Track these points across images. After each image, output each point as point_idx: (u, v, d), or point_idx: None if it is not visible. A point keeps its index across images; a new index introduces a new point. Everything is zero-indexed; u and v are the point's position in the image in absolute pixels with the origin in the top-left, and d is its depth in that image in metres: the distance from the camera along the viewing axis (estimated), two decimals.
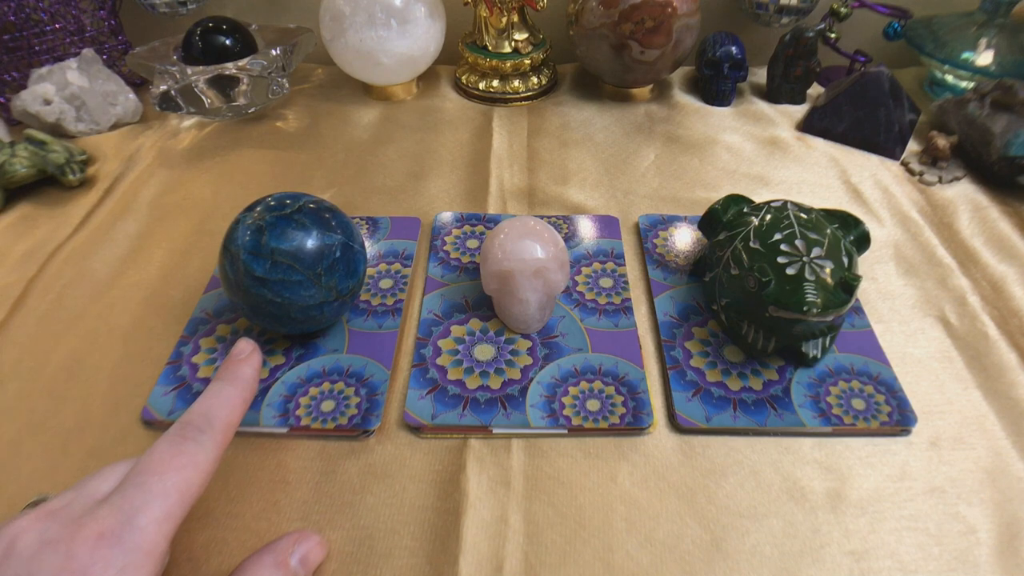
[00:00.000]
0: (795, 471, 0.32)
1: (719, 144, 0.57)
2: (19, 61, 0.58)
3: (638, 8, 0.55)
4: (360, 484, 0.31)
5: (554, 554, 0.29)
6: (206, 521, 0.30)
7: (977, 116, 0.52)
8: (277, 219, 0.33)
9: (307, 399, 0.34)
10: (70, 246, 0.46)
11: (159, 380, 0.35)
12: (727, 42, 0.60)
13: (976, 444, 0.33)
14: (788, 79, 0.61)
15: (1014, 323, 0.40)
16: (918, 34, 0.61)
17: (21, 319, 0.40)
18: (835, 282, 0.34)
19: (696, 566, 0.28)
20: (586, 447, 0.33)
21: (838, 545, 0.29)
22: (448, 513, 0.30)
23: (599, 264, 0.43)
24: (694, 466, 0.32)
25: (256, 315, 0.34)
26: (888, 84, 0.54)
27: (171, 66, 0.54)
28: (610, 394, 0.35)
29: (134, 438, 0.33)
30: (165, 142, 0.57)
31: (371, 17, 0.57)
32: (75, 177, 0.50)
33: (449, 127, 0.59)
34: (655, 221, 0.47)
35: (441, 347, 0.37)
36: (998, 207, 0.49)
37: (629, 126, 0.59)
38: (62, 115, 0.55)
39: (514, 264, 0.36)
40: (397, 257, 0.44)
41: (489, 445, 0.33)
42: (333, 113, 0.61)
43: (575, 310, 0.40)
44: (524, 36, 0.62)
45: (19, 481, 0.32)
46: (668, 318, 0.39)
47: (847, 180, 0.52)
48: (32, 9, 0.57)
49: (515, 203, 0.50)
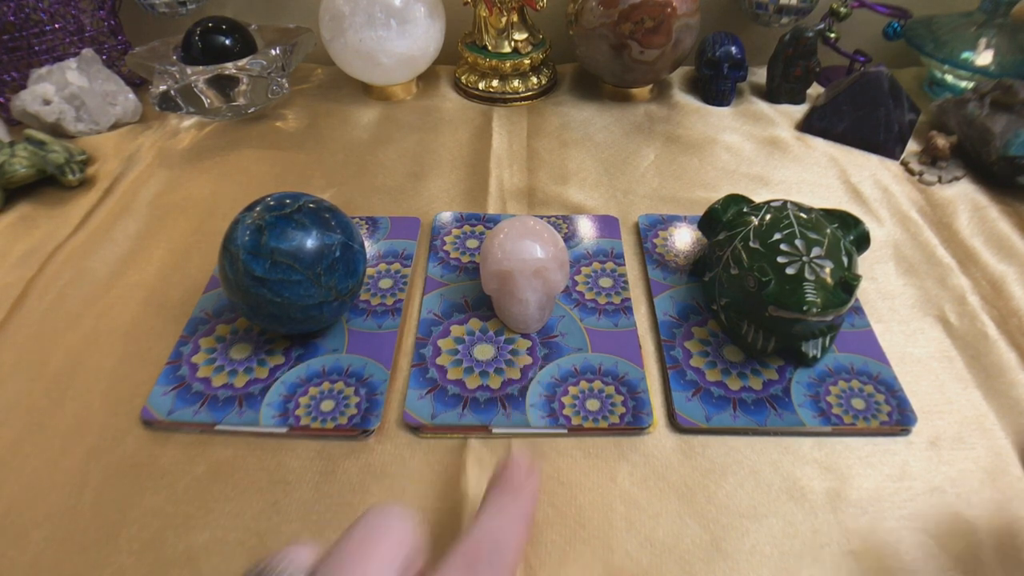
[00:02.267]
0: (795, 471, 0.32)
1: (719, 144, 0.57)
2: (19, 61, 0.58)
3: (638, 8, 0.55)
4: (360, 484, 0.31)
5: (554, 554, 0.29)
6: (206, 521, 0.30)
7: (977, 116, 0.52)
8: (277, 219, 0.33)
9: (307, 399, 0.34)
10: (70, 246, 0.46)
11: (159, 380, 0.35)
12: (727, 42, 0.60)
13: (976, 444, 0.33)
14: (788, 79, 0.61)
15: (1013, 323, 0.40)
16: (918, 34, 0.61)
17: (21, 319, 0.40)
18: (835, 282, 0.34)
19: (696, 566, 0.28)
20: (586, 447, 0.33)
21: (838, 545, 0.29)
22: (448, 513, 0.30)
23: (599, 264, 0.43)
24: (694, 466, 0.32)
25: (256, 315, 0.34)
26: (888, 84, 0.55)
27: (171, 66, 0.54)
28: (610, 394, 0.35)
29: (133, 438, 0.33)
30: (165, 142, 0.57)
31: (371, 17, 0.57)
32: (75, 177, 0.50)
33: (449, 127, 0.59)
34: (655, 221, 0.47)
35: (441, 347, 0.37)
36: (997, 207, 0.49)
37: (629, 126, 0.59)
38: (62, 115, 0.55)
39: (514, 264, 0.36)
40: (397, 257, 0.44)
41: (489, 445, 0.33)
42: (333, 113, 0.61)
43: (575, 310, 0.40)
44: (524, 36, 0.62)
45: (19, 481, 0.32)
46: (668, 318, 0.39)
47: (847, 180, 0.52)
48: (32, 9, 0.57)
49: (515, 203, 0.50)
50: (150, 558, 0.29)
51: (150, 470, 0.32)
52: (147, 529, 0.30)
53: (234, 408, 0.34)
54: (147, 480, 0.31)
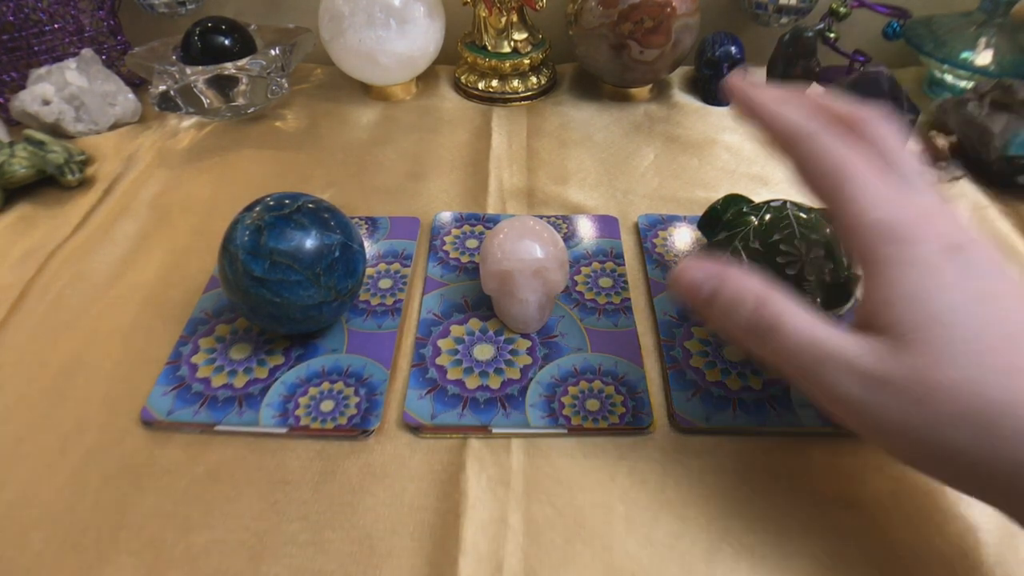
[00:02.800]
0: (795, 471, 0.32)
1: (718, 144, 0.57)
2: (18, 61, 0.58)
3: (637, 8, 0.55)
4: (360, 484, 0.31)
5: (554, 554, 0.29)
6: (206, 521, 0.30)
7: (976, 116, 0.52)
8: (276, 219, 0.33)
9: (306, 399, 0.34)
10: (69, 246, 0.46)
11: (158, 380, 0.35)
12: (726, 42, 0.60)
13: None
14: (787, 79, 0.61)
15: None
16: (917, 34, 0.61)
17: (20, 319, 0.40)
18: (835, 282, 0.34)
19: (696, 566, 0.28)
20: (586, 447, 0.33)
21: (837, 545, 0.29)
22: (447, 513, 0.30)
23: (598, 264, 0.43)
24: (694, 466, 0.32)
25: (255, 315, 0.34)
26: (887, 84, 0.54)
27: (170, 66, 0.54)
28: (610, 394, 0.35)
29: (133, 438, 0.33)
30: (164, 142, 0.57)
31: (370, 17, 0.57)
32: (74, 177, 0.50)
33: (448, 127, 0.59)
34: (654, 221, 0.47)
35: (440, 347, 0.37)
36: (997, 206, 0.49)
37: (628, 126, 0.59)
38: (61, 115, 0.55)
39: (513, 264, 0.36)
40: (396, 257, 0.44)
41: (488, 445, 0.33)
42: (332, 113, 0.61)
43: (574, 310, 0.40)
44: (523, 36, 0.62)
45: (18, 481, 0.32)
46: (668, 318, 0.39)
47: None
48: (31, 9, 0.57)
49: (514, 203, 0.50)
50: (150, 558, 0.28)
51: (150, 470, 0.32)
52: (147, 529, 0.30)
53: (234, 408, 0.34)
54: (147, 480, 0.31)
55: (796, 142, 0.27)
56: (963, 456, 0.21)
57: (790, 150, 0.27)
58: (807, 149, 0.26)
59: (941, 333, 0.21)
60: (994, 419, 0.20)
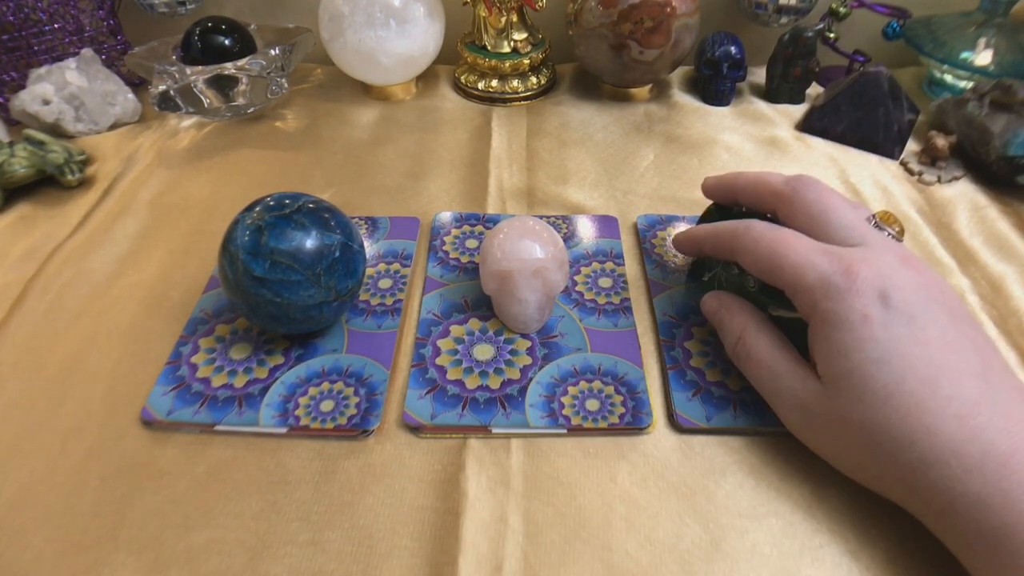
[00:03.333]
0: (795, 471, 0.32)
1: (718, 144, 0.57)
2: (18, 61, 0.58)
3: (637, 8, 0.55)
4: (359, 484, 0.31)
5: (554, 554, 0.29)
6: (206, 521, 0.30)
7: (976, 116, 0.52)
8: (276, 219, 0.33)
9: (306, 399, 0.34)
10: (69, 246, 0.46)
11: (158, 380, 0.35)
12: (726, 42, 0.60)
13: None
14: (787, 79, 0.61)
15: (1012, 322, 0.40)
16: (917, 34, 0.61)
17: (20, 319, 0.40)
18: None
19: (696, 566, 0.28)
20: (585, 447, 0.33)
21: (837, 545, 0.29)
22: (447, 513, 0.30)
23: (598, 264, 0.43)
24: (694, 466, 0.32)
25: (255, 315, 0.34)
26: (887, 84, 0.55)
27: (170, 66, 0.54)
28: (609, 394, 0.35)
29: (133, 438, 0.33)
30: (164, 142, 0.57)
31: (370, 17, 0.57)
32: (74, 177, 0.50)
33: (448, 127, 0.59)
34: (654, 221, 0.47)
35: (440, 347, 0.37)
36: (997, 206, 0.49)
37: (628, 126, 0.59)
38: (61, 115, 0.55)
39: (513, 264, 0.36)
40: (396, 257, 0.44)
41: (488, 445, 0.33)
42: (332, 113, 0.61)
43: (574, 310, 0.40)
44: (523, 36, 0.62)
45: (18, 481, 0.32)
46: (667, 318, 0.39)
47: (846, 180, 0.52)
48: (31, 9, 0.57)
49: (514, 203, 0.50)
50: (150, 558, 0.29)
51: (150, 470, 0.32)
52: (147, 529, 0.30)
53: (234, 408, 0.34)
54: (147, 480, 0.31)
55: (733, 241, 0.33)
56: (868, 471, 0.29)
57: (732, 254, 0.34)
58: (743, 244, 0.32)
59: (858, 383, 0.27)
60: (893, 452, 0.26)
